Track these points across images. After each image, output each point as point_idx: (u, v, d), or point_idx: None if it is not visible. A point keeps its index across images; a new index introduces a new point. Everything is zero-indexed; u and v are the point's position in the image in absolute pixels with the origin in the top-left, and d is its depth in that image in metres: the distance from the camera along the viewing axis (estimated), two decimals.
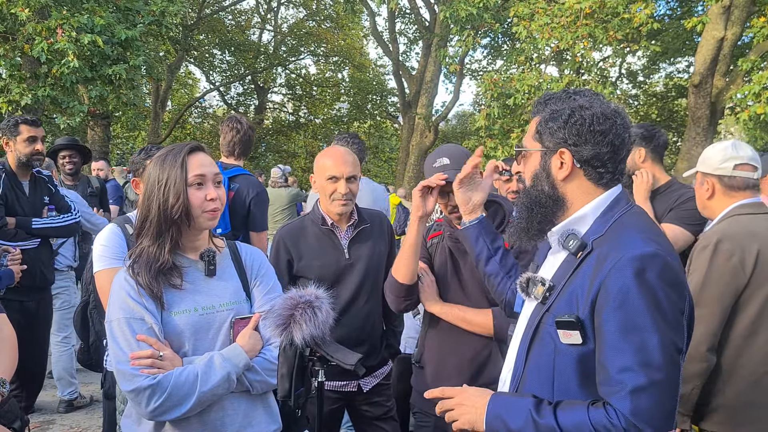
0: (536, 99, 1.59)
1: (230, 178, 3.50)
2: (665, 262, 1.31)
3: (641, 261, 1.29)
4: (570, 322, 1.34)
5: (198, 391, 1.70)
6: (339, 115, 28.32)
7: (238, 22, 25.90)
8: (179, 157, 1.78)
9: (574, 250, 1.41)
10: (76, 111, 9.76)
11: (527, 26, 11.86)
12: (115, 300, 1.77)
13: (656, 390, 1.24)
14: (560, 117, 1.44)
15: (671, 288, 1.30)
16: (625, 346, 1.26)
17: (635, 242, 1.32)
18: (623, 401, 1.24)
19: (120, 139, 25.70)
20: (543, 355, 1.42)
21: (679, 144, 17.88)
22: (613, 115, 1.43)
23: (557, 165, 1.45)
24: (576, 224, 1.45)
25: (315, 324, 1.66)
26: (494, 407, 1.40)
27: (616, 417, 1.24)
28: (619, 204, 1.45)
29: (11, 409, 1.90)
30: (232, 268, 1.94)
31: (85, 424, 4.37)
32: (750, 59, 10.45)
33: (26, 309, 3.82)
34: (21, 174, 3.82)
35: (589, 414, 1.27)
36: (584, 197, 1.45)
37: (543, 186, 1.47)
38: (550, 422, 1.30)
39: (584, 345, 1.34)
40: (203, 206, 1.78)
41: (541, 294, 1.44)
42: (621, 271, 1.29)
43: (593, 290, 1.33)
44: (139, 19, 10.46)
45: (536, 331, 1.44)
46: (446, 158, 2.27)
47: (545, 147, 1.46)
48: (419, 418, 2.49)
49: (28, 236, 3.74)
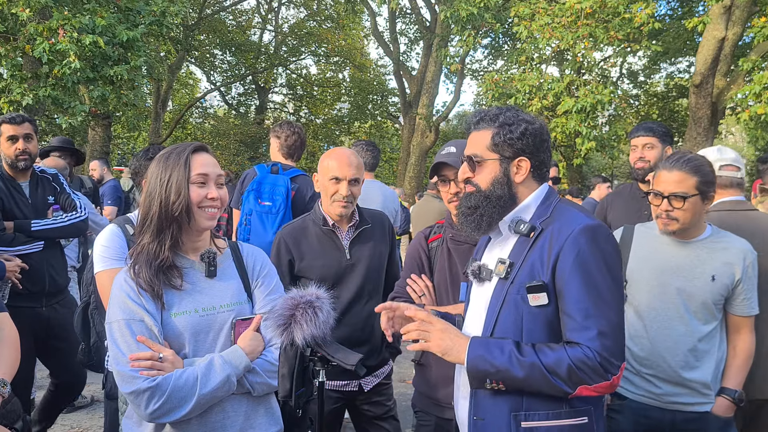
0: (473, 116, 1.86)
1: (291, 178, 3.64)
2: (608, 231, 1.68)
3: (591, 230, 1.63)
4: (538, 286, 1.64)
5: (197, 393, 1.69)
6: (340, 115, 28.32)
7: (239, 23, 25.91)
8: (183, 155, 1.79)
9: (526, 232, 1.71)
10: (77, 111, 9.77)
11: (528, 26, 11.85)
12: (115, 301, 1.77)
13: (616, 330, 1.58)
14: (516, 130, 1.73)
15: (615, 250, 1.66)
16: (587, 298, 1.57)
17: (582, 218, 1.67)
18: (593, 341, 1.55)
19: (121, 139, 25.71)
20: (510, 320, 1.68)
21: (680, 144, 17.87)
22: (546, 127, 1.81)
23: (514, 171, 1.76)
24: (522, 213, 1.77)
25: (316, 324, 1.66)
26: (476, 347, 1.64)
27: (591, 352, 1.55)
28: (553, 194, 1.80)
29: (13, 410, 1.90)
30: (233, 269, 1.93)
31: (86, 424, 4.38)
32: (751, 59, 10.44)
33: (39, 316, 3.57)
34: (18, 175, 3.60)
35: (567, 351, 1.57)
36: (528, 192, 1.78)
37: (503, 189, 1.75)
38: (532, 359, 1.57)
39: (548, 305, 1.64)
40: (202, 203, 1.79)
41: (504, 271, 1.71)
42: (576, 239, 1.61)
43: (551, 259, 1.63)
44: (140, 19, 10.46)
45: (504, 302, 1.70)
46: (453, 147, 2.34)
47: (503, 156, 1.75)
48: (420, 417, 2.49)
49: (29, 239, 3.51)
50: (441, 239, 2.45)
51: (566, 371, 1.55)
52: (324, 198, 2.63)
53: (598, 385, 1.56)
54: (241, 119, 27.73)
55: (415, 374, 2.55)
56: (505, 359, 1.59)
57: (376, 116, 26.84)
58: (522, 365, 1.57)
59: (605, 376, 1.55)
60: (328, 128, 27.74)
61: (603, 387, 1.57)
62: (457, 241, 2.38)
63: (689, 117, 11.93)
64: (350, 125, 27.93)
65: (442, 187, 2.37)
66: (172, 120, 24.10)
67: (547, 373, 1.56)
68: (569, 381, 1.56)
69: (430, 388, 2.40)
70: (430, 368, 2.41)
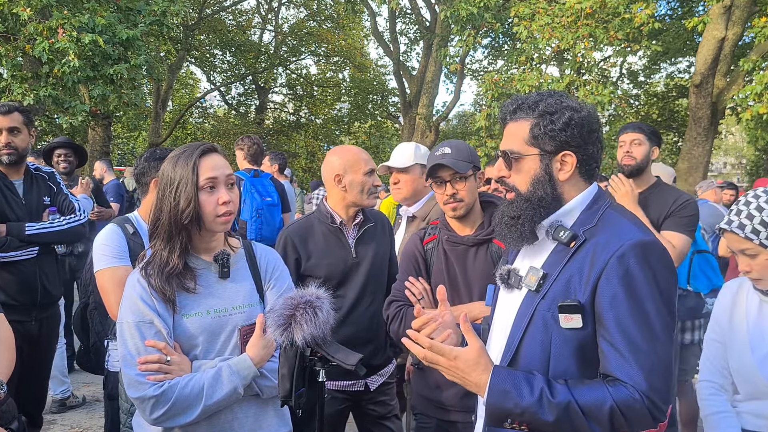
0: (510, 103, 1.59)
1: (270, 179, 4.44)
2: (663, 249, 1.42)
3: (643, 247, 1.38)
4: (573, 306, 1.39)
5: (203, 404, 1.69)
6: (340, 115, 28.30)
7: (239, 23, 25.88)
8: (191, 159, 1.74)
9: (566, 240, 1.46)
10: (77, 111, 9.76)
11: (528, 26, 11.84)
12: (127, 302, 1.76)
13: (665, 368, 1.33)
14: (560, 120, 1.48)
15: (669, 272, 1.40)
16: (635, 329, 1.33)
17: (633, 231, 1.41)
18: (641, 382, 1.30)
19: (121, 139, 25.70)
20: (537, 341, 1.45)
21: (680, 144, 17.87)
22: (596, 114, 1.54)
23: (557, 167, 1.50)
24: (563, 217, 1.51)
25: (316, 324, 1.65)
26: (501, 380, 1.37)
27: (638, 395, 1.30)
28: (601, 198, 1.54)
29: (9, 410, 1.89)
30: (246, 270, 1.91)
31: (86, 424, 4.37)
32: (751, 59, 10.44)
33: (27, 331, 3.13)
34: (11, 172, 3.19)
35: (610, 390, 1.31)
36: (574, 192, 1.53)
37: (545, 189, 1.50)
38: (566, 397, 1.32)
39: (583, 329, 1.39)
40: (216, 211, 1.75)
41: (535, 282, 1.48)
42: (624, 256, 1.36)
43: (593, 276, 1.39)
44: (140, 19, 10.46)
45: (532, 319, 1.47)
46: (447, 147, 2.33)
47: (544, 150, 1.50)
48: (421, 420, 2.48)
49: (23, 245, 3.10)
50: (436, 240, 2.43)
51: (608, 415, 1.30)
52: (352, 193, 2.61)
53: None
54: (241, 119, 27.71)
55: (415, 377, 2.53)
56: (534, 400, 1.32)
57: (376, 116, 26.81)
58: (552, 407, 1.31)
59: (652, 424, 1.33)
60: (328, 128, 27.72)
61: None
62: (452, 242, 2.36)
63: (689, 117, 11.93)
64: (350, 125, 27.90)
65: (438, 188, 2.34)
66: (172, 120, 24.08)
67: (583, 415, 1.31)
68: (609, 426, 1.31)
69: (431, 390, 2.39)
70: (432, 371, 2.40)
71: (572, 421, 1.32)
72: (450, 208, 2.32)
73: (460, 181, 2.30)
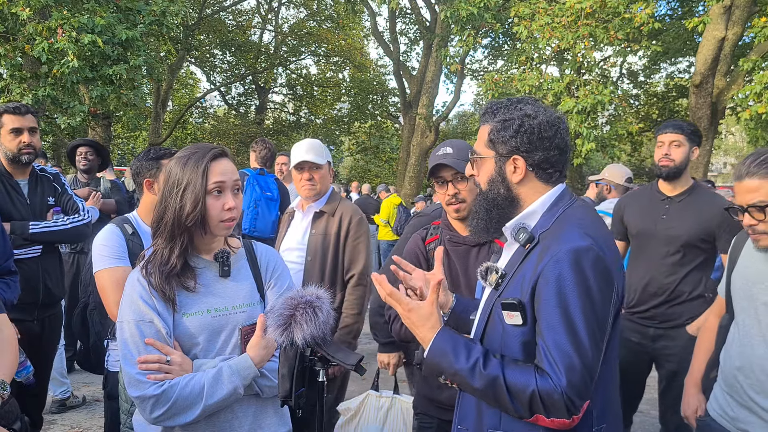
0: (483, 107, 1.73)
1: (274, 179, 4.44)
2: (597, 255, 1.48)
3: (576, 253, 1.46)
4: (512, 304, 1.51)
5: (203, 403, 1.70)
6: (340, 115, 28.33)
7: (239, 23, 25.91)
8: (201, 163, 1.73)
9: (523, 242, 1.58)
10: (76, 111, 9.77)
11: (528, 26, 11.86)
12: (127, 300, 1.76)
13: (586, 369, 1.43)
14: (511, 126, 1.60)
15: (602, 278, 1.47)
16: (562, 330, 1.44)
17: (573, 236, 1.50)
18: (561, 378, 1.42)
19: (121, 139, 25.71)
20: (493, 335, 1.59)
21: None
22: (557, 121, 1.62)
23: (511, 170, 1.62)
24: (526, 219, 1.62)
25: (316, 324, 1.65)
26: (444, 340, 1.53)
27: (558, 388, 1.42)
28: (563, 199, 1.63)
29: (11, 410, 1.89)
30: (247, 269, 1.91)
31: (86, 424, 4.37)
32: (751, 59, 10.45)
33: (29, 331, 3.08)
34: (17, 172, 3.25)
35: (537, 378, 1.44)
36: (535, 195, 1.62)
37: (499, 189, 1.64)
38: (496, 372, 1.46)
39: (524, 326, 1.51)
40: (221, 216, 1.75)
41: (495, 281, 1.61)
42: (559, 262, 1.46)
43: (534, 277, 1.50)
44: (139, 19, 10.46)
45: (490, 314, 1.61)
46: (449, 148, 2.32)
47: (498, 154, 1.63)
48: (422, 420, 2.48)
49: (26, 243, 3.13)
50: (438, 240, 2.42)
51: (529, 397, 1.43)
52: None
53: (556, 420, 1.45)
54: (241, 119, 27.74)
55: (416, 376, 2.53)
56: (467, 366, 1.48)
57: (376, 116, 26.84)
58: (482, 377, 1.46)
59: (566, 415, 1.44)
60: (328, 128, 27.74)
61: (560, 423, 1.46)
62: (454, 242, 2.36)
63: (689, 117, 11.93)
64: (350, 125, 27.93)
65: (440, 188, 2.35)
66: (172, 120, 24.09)
67: (507, 392, 1.45)
68: (528, 407, 1.44)
69: (433, 390, 2.38)
70: None
71: (496, 393, 1.46)
72: (453, 209, 2.31)
73: (462, 181, 2.30)
